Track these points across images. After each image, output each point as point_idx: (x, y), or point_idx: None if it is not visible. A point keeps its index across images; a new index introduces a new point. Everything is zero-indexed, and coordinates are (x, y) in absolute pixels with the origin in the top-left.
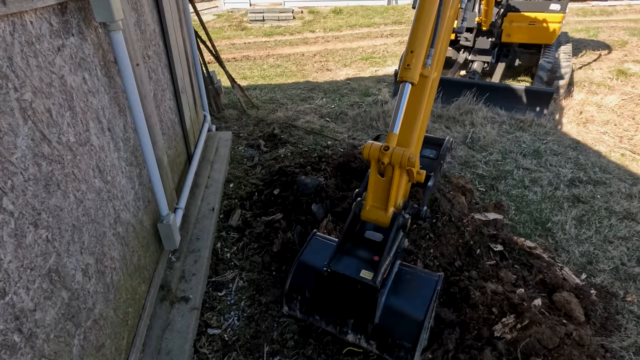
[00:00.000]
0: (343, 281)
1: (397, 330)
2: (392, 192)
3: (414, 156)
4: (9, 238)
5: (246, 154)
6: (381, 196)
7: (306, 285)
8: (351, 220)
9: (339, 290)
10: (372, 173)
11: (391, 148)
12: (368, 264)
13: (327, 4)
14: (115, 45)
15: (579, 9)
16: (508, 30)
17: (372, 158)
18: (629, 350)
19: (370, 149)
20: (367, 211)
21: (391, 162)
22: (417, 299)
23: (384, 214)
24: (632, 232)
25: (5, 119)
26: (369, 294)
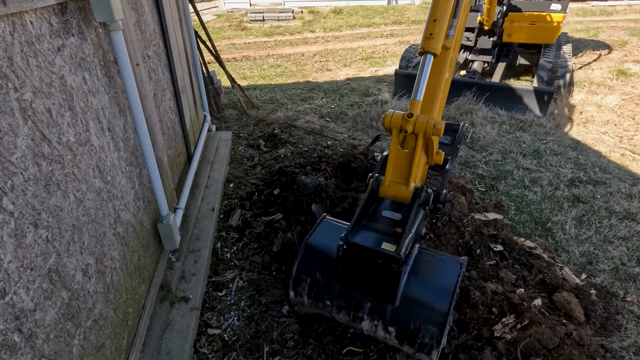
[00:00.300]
0: (361, 256)
1: (421, 314)
2: (414, 165)
3: (440, 123)
4: (9, 238)
5: (246, 154)
6: (402, 170)
7: (316, 267)
8: (368, 196)
9: (356, 268)
10: (393, 144)
11: (415, 115)
12: (390, 236)
13: (327, 4)
14: (115, 45)
15: (579, 9)
16: (509, 30)
17: (394, 127)
18: (629, 350)
19: (392, 117)
20: (387, 187)
21: (415, 131)
22: (442, 282)
23: (405, 189)
24: (632, 232)
25: (5, 119)
26: (390, 269)
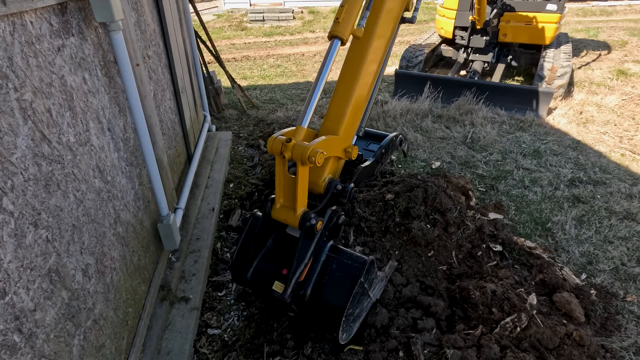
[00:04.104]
0: (260, 287)
1: (322, 322)
2: (298, 191)
3: (315, 152)
4: (9, 238)
5: (246, 154)
6: (291, 194)
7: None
8: (264, 220)
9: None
10: (277, 169)
11: (293, 141)
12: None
13: (327, 4)
14: (115, 46)
15: (579, 9)
16: (504, 30)
17: (274, 152)
18: (629, 351)
19: (274, 141)
20: (277, 210)
21: (292, 158)
22: (339, 294)
23: (293, 215)
24: (632, 232)
25: (5, 119)
26: (285, 301)
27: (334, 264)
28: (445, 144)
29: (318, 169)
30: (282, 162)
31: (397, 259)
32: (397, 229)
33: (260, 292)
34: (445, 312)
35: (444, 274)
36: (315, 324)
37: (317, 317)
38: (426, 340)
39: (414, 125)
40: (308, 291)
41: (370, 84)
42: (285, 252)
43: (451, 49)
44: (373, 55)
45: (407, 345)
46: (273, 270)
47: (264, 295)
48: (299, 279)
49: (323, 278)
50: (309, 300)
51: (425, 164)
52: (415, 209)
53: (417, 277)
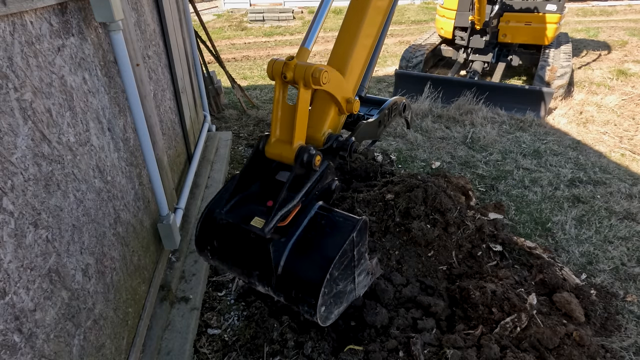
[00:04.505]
0: (238, 231)
1: (299, 284)
2: (297, 120)
3: (320, 70)
4: (9, 238)
5: (246, 154)
6: (288, 126)
7: (213, 233)
8: (253, 157)
9: (237, 241)
10: (276, 95)
11: (295, 60)
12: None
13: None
14: (115, 46)
15: (579, 9)
16: (504, 30)
17: (274, 74)
18: (629, 351)
19: (274, 64)
20: (272, 145)
21: (295, 79)
22: (324, 249)
23: (289, 149)
24: (632, 232)
25: (5, 119)
26: (262, 245)
27: (323, 220)
28: (445, 144)
29: (317, 120)
30: (281, 87)
31: (397, 259)
32: (397, 229)
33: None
34: (445, 312)
35: (444, 274)
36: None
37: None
38: (426, 340)
39: (414, 125)
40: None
41: (379, 22)
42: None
43: (451, 49)
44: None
45: (407, 345)
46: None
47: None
48: (284, 221)
49: (309, 233)
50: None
51: (425, 164)
52: (415, 209)
53: (417, 277)
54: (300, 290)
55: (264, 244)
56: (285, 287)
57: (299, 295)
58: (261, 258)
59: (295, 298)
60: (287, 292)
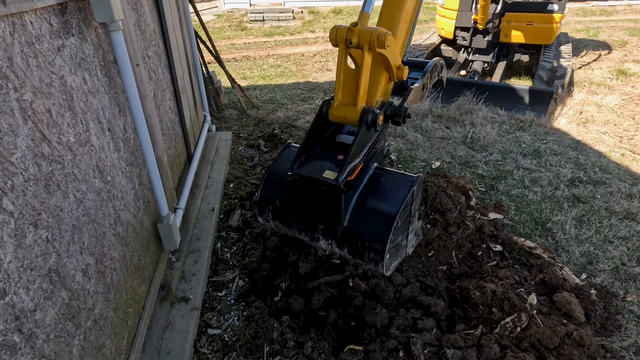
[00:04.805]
0: (308, 184)
1: (366, 232)
2: (361, 83)
3: (384, 34)
4: (9, 238)
5: (246, 154)
6: (351, 90)
7: (276, 194)
8: (317, 121)
9: (306, 194)
10: (340, 61)
11: (359, 28)
12: (334, 165)
13: (327, 4)
14: (115, 46)
15: (579, 9)
16: (506, 30)
17: (339, 40)
18: (629, 350)
19: (337, 30)
20: (335, 109)
21: (360, 43)
22: (389, 200)
23: (353, 110)
24: (632, 232)
25: (5, 119)
26: (334, 195)
27: (382, 178)
28: (445, 144)
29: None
30: (345, 53)
31: None
32: None
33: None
34: (445, 312)
35: (444, 274)
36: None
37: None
38: (426, 340)
39: (414, 125)
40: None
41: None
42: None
43: (451, 49)
44: None
45: (407, 345)
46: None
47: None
48: (351, 175)
49: (370, 189)
50: (355, 207)
51: (425, 164)
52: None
53: (417, 277)
54: (367, 239)
55: (335, 194)
56: (350, 238)
57: (365, 244)
58: (330, 209)
59: (361, 247)
60: (352, 243)
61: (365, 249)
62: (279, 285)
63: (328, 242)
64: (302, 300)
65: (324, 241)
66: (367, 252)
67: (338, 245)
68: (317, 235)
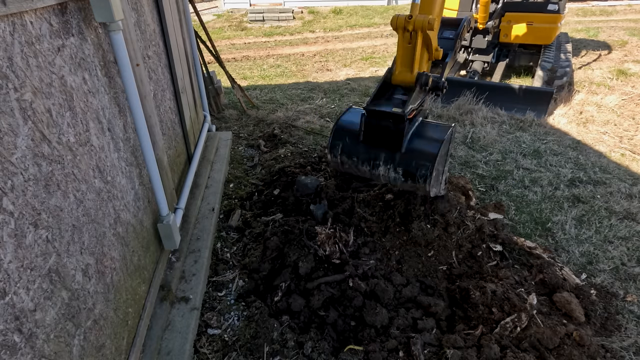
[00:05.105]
0: (377, 118)
1: (420, 155)
2: (416, 55)
3: (434, 20)
4: (9, 238)
5: (246, 154)
6: (408, 61)
7: (345, 135)
8: (382, 84)
9: (374, 128)
10: (399, 41)
11: (414, 16)
12: (398, 106)
13: (327, 4)
14: (115, 46)
15: (579, 9)
16: (506, 30)
17: (399, 27)
18: (629, 350)
19: (397, 19)
20: (396, 75)
21: (414, 28)
22: (436, 135)
23: (410, 75)
24: (632, 232)
25: (5, 119)
26: (397, 126)
27: (429, 124)
28: None
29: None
30: (403, 35)
31: (397, 259)
32: (397, 229)
33: (371, 122)
34: (445, 312)
35: (444, 274)
36: (410, 161)
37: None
38: (426, 340)
39: None
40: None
41: None
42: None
43: None
44: None
45: (407, 345)
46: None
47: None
48: (410, 114)
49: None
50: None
51: None
52: (415, 209)
53: (417, 277)
54: (420, 160)
55: (399, 124)
56: (406, 160)
57: (418, 163)
58: (394, 137)
59: (415, 166)
60: (407, 164)
61: (418, 167)
62: (279, 285)
63: (387, 167)
64: (302, 300)
65: (383, 167)
66: (419, 170)
67: (395, 169)
68: (379, 162)
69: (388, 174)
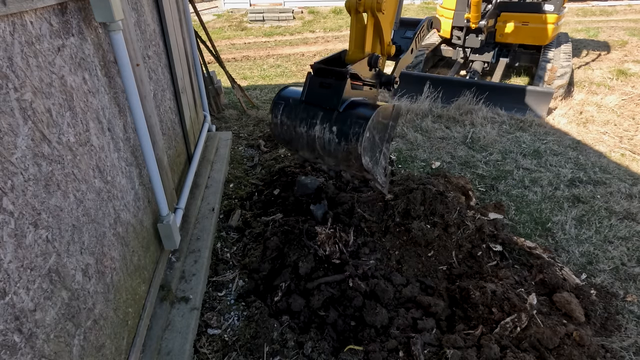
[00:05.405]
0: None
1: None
2: (367, 36)
3: (382, 1)
4: (9, 238)
5: (246, 154)
6: (360, 42)
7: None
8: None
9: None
10: (352, 22)
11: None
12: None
13: (327, 4)
14: (115, 46)
15: (579, 9)
16: (502, 30)
17: (351, 8)
18: (629, 351)
19: (349, 1)
20: (349, 55)
21: (364, 9)
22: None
23: (362, 54)
24: (632, 232)
25: (5, 119)
26: (339, 81)
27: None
28: (445, 144)
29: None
30: (355, 17)
31: (397, 259)
32: (397, 229)
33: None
34: (445, 312)
35: (444, 274)
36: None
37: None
38: (426, 340)
39: (414, 125)
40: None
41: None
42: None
43: (451, 49)
44: None
45: (407, 345)
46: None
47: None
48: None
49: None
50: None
51: (425, 164)
52: (414, 209)
53: (417, 277)
54: (355, 117)
55: (340, 81)
56: (342, 118)
57: (352, 121)
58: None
59: (350, 124)
60: (344, 121)
61: (352, 124)
62: (279, 285)
63: (323, 126)
64: (302, 300)
65: (319, 127)
66: (352, 127)
67: (330, 128)
68: (315, 121)
69: (323, 134)
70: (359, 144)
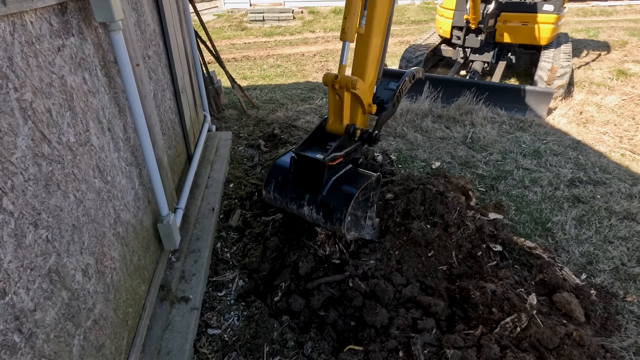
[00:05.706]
0: (303, 162)
1: (336, 199)
2: (344, 110)
3: (356, 81)
4: (9, 238)
5: (246, 154)
6: (338, 113)
7: (279, 174)
8: (317, 128)
9: (301, 171)
10: (330, 96)
11: (340, 76)
12: (323, 152)
13: (327, 4)
14: (115, 46)
15: (579, 9)
16: (501, 30)
17: (328, 84)
18: (629, 351)
19: (327, 76)
20: (329, 124)
21: (340, 86)
22: (354, 184)
23: (340, 126)
24: (632, 232)
25: (5, 119)
26: (319, 170)
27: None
28: (445, 144)
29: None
30: (333, 91)
31: (397, 259)
32: (397, 229)
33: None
34: (445, 312)
35: (444, 274)
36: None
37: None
38: (426, 340)
39: (414, 125)
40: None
41: (381, 41)
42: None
43: (451, 49)
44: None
45: (407, 345)
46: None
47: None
48: (333, 161)
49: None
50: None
51: (425, 164)
52: (414, 209)
53: (417, 277)
54: (337, 203)
55: (320, 169)
56: (326, 202)
57: (335, 206)
58: (316, 180)
59: (332, 209)
60: (327, 206)
61: (334, 210)
62: (279, 285)
63: (310, 207)
64: (302, 300)
65: (307, 207)
66: (335, 213)
67: (317, 209)
68: (303, 202)
69: (312, 214)
70: (342, 227)
